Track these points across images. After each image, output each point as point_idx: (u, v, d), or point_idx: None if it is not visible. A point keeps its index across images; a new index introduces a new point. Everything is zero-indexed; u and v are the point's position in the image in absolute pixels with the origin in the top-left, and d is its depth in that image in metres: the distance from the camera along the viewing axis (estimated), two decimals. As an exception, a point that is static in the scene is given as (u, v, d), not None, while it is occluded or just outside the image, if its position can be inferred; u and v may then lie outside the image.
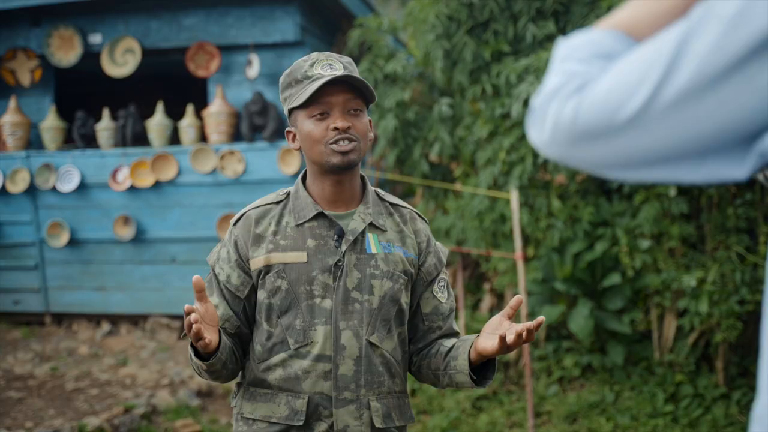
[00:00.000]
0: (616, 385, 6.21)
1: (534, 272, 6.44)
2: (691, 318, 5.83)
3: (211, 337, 2.16)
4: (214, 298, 2.39)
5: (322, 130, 2.26)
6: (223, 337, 2.29)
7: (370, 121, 2.37)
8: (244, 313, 2.40)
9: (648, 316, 6.35)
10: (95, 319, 8.26)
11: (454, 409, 6.16)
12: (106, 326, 8.14)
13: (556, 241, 6.31)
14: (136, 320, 8.21)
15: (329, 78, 2.22)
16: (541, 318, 2.13)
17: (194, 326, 2.07)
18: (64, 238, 8.04)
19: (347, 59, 2.34)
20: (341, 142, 2.25)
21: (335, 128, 2.24)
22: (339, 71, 2.27)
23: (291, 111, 2.33)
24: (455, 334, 2.51)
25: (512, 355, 6.54)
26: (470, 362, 2.29)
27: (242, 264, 2.37)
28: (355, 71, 2.31)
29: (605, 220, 6.40)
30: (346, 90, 2.27)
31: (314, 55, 2.32)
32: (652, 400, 5.96)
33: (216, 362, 2.25)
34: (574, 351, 6.48)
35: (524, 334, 2.12)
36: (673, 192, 5.97)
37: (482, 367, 2.37)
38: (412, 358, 2.50)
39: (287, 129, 2.38)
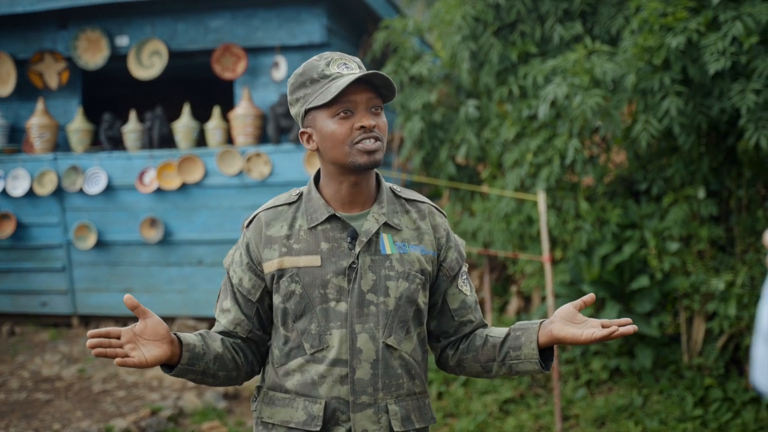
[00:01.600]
0: (644, 388, 6.15)
1: (561, 275, 6.40)
2: (720, 321, 5.76)
3: (144, 355, 2.13)
4: (228, 302, 2.38)
5: (346, 129, 2.21)
6: (201, 345, 2.28)
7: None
8: (258, 316, 2.37)
9: (677, 319, 6.28)
10: (122, 320, 8.29)
11: (481, 413, 6.12)
12: (133, 328, 8.17)
13: (584, 243, 6.26)
14: (162, 322, 8.23)
15: (358, 75, 2.18)
16: (633, 327, 2.19)
17: (96, 350, 2.08)
18: (91, 240, 8.08)
19: (358, 59, 2.32)
20: (367, 142, 2.21)
21: (361, 127, 2.21)
22: (355, 70, 2.24)
23: (307, 111, 2.28)
24: (485, 325, 2.50)
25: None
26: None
27: (254, 267, 2.34)
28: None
29: (633, 222, 6.34)
30: (368, 89, 2.24)
31: (326, 54, 2.29)
32: (681, 404, 5.90)
33: (180, 372, 2.25)
34: (602, 354, 6.42)
35: (615, 332, 2.17)
36: (702, 194, 5.91)
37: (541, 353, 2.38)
38: (446, 352, 2.48)
39: (302, 130, 2.32)
